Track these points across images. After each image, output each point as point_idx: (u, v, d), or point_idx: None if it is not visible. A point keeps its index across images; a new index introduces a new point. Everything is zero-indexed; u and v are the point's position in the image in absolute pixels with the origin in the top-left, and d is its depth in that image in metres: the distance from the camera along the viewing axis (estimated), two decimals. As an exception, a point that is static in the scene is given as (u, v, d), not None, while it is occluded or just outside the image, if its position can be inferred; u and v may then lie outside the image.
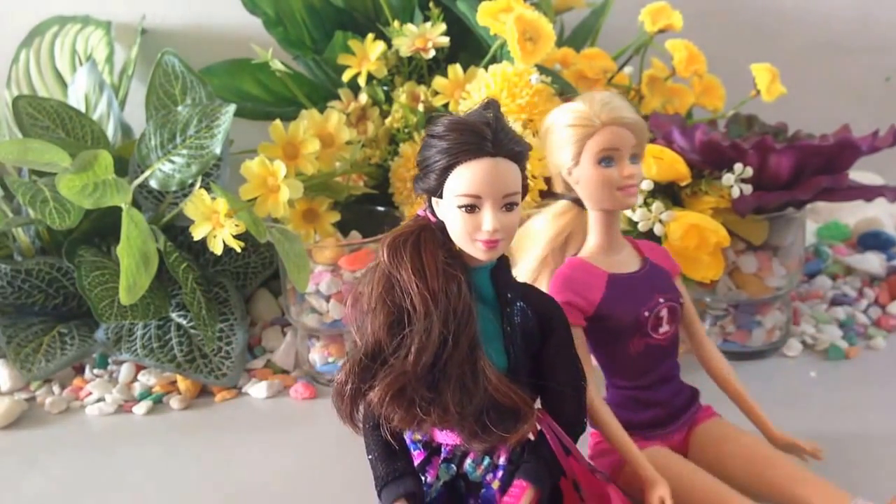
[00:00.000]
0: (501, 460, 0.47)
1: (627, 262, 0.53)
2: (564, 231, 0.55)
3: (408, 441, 0.48)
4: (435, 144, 0.43)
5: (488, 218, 0.43)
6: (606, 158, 0.50)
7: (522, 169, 0.44)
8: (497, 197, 0.43)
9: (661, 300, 0.52)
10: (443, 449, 0.48)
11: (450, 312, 0.43)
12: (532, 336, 0.46)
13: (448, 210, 0.44)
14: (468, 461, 0.47)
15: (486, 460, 0.47)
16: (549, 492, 0.47)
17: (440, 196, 0.44)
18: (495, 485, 0.46)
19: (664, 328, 0.53)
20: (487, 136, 0.42)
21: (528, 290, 0.48)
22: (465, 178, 0.42)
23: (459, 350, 0.43)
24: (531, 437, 0.48)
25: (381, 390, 0.43)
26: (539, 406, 0.48)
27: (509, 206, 0.43)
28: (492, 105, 0.44)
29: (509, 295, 0.46)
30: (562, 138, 0.51)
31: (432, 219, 0.45)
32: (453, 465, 0.47)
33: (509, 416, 0.44)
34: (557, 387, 0.47)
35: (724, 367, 0.55)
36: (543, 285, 0.53)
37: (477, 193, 0.42)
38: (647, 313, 0.52)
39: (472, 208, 0.43)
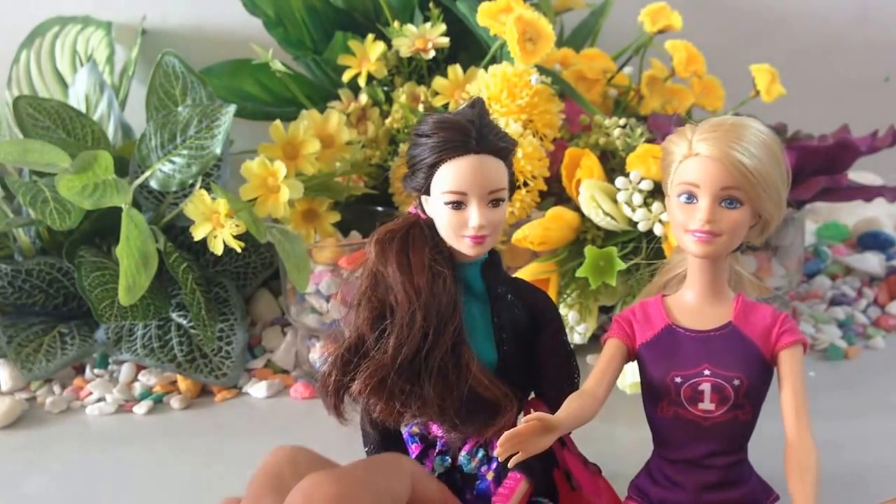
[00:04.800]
0: (496, 452, 0.47)
1: (707, 319, 0.45)
2: (676, 268, 0.48)
3: (405, 435, 0.49)
4: (422, 143, 0.44)
5: (474, 214, 0.43)
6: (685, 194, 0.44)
7: (509, 165, 0.45)
8: (482, 193, 0.43)
9: (706, 372, 0.44)
10: (438, 441, 0.48)
11: (433, 307, 0.43)
12: (523, 329, 0.47)
13: (436, 207, 0.44)
14: (462, 454, 0.47)
15: (481, 452, 0.47)
16: (543, 482, 0.47)
17: (428, 193, 0.45)
18: (490, 476, 0.47)
19: (706, 405, 0.44)
20: (472, 133, 0.43)
21: (518, 284, 0.49)
22: (450, 175, 0.43)
23: (442, 343, 0.43)
24: None
25: (361, 382, 0.44)
26: (534, 396, 0.49)
27: (495, 202, 0.44)
28: (477, 103, 0.45)
29: (500, 289, 0.47)
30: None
31: (422, 216, 0.46)
32: (448, 458, 0.48)
33: (489, 409, 0.45)
34: (550, 379, 0.48)
35: (800, 469, 0.42)
36: None
37: (462, 190, 0.43)
38: (678, 379, 0.44)
39: (458, 205, 0.44)
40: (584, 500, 0.47)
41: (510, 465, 0.41)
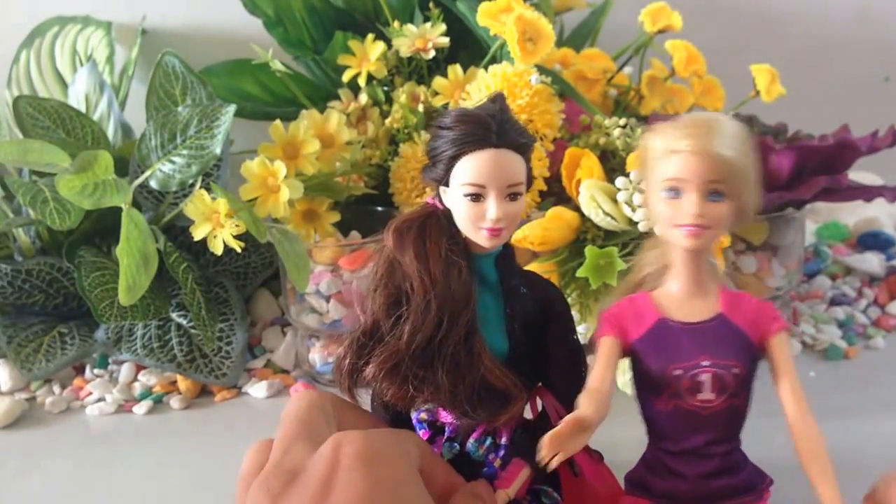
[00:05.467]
0: (503, 440, 0.48)
1: (697, 311, 0.46)
2: (651, 265, 0.49)
3: (414, 421, 0.49)
4: (443, 135, 0.45)
5: (492, 207, 0.44)
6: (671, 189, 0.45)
7: (527, 160, 0.46)
8: (501, 186, 0.44)
9: (705, 364, 0.44)
10: (446, 428, 0.48)
11: (448, 296, 0.44)
12: (534, 321, 0.47)
13: (454, 198, 0.45)
14: (471, 441, 0.48)
15: (489, 440, 0.48)
16: (545, 471, 0.47)
17: (447, 185, 0.45)
18: (497, 463, 0.47)
19: (705, 395, 0.44)
20: (493, 127, 0.44)
21: (530, 277, 0.49)
22: (470, 167, 0.44)
23: (456, 332, 0.44)
24: (531, 417, 0.50)
25: (376, 366, 0.44)
26: (541, 385, 0.50)
27: (513, 196, 0.45)
28: (498, 98, 0.46)
29: (513, 281, 0.47)
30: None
31: (440, 207, 0.47)
32: (456, 444, 0.49)
33: (499, 397, 0.45)
34: (559, 371, 0.48)
35: (809, 450, 0.43)
36: None
37: (482, 183, 0.44)
38: (677, 372, 0.45)
39: (477, 197, 0.44)
40: (586, 486, 0.48)
41: (552, 466, 0.41)
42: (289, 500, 0.36)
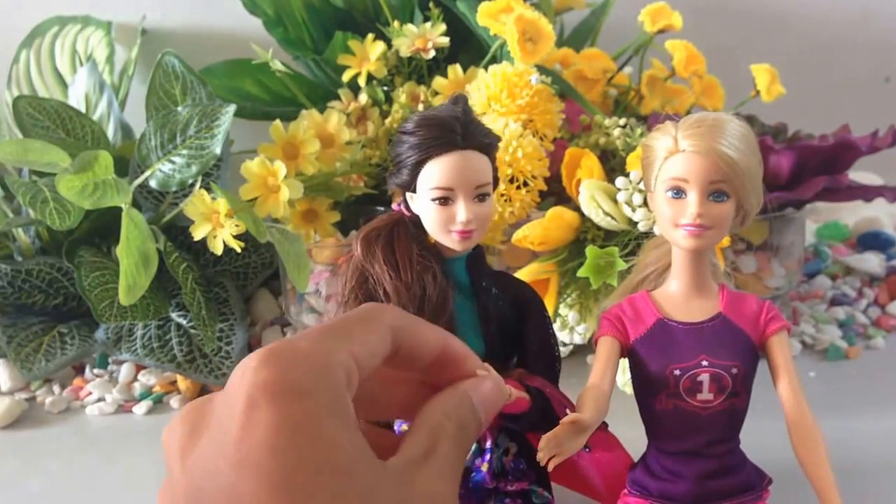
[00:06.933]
0: (488, 444, 0.48)
1: (697, 311, 0.46)
2: (652, 265, 0.49)
3: (397, 432, 0.49)
4: (406, 140, 0.44)
5: (462, 209, 0.44)
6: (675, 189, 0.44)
7: (492, 160, 0.46)
8: (469, 188, 0.44)
9: (704, 363, 0.44)
10: None
11: (425, 302, 0.44)
12: (507, 322, 0.47)
13: (422, 203, 0.45)
14: None
15: (474, 445, 0.47)
16: (543, 474, 0.48)
17: (413, 190, 0.45)
18: (484, 467, 0.47)
19: (704, 395, 0.44)
20: (457, 130, 0.44)
21: (502, 278, 0.49)
22: (437, 172, 0.44)
23: None
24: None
25: None
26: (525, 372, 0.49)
27: (482, 197, 0.45)
28: (460, 99, 0.46)
29: (484, 283, 0.47)
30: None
31: (406, 213, 0.46)
32: None
33: None
34: (535, 369, 0.48)
35: (807, 447, 0.43)
36: None
37: (450, 186, 0.44)
38: (677, 372, 0.45)
39: (445, 200, 0.44)
40: (577, 474, 0.48)
41: (550, 467, 0.41)
42: (198, 452, 0.30)
